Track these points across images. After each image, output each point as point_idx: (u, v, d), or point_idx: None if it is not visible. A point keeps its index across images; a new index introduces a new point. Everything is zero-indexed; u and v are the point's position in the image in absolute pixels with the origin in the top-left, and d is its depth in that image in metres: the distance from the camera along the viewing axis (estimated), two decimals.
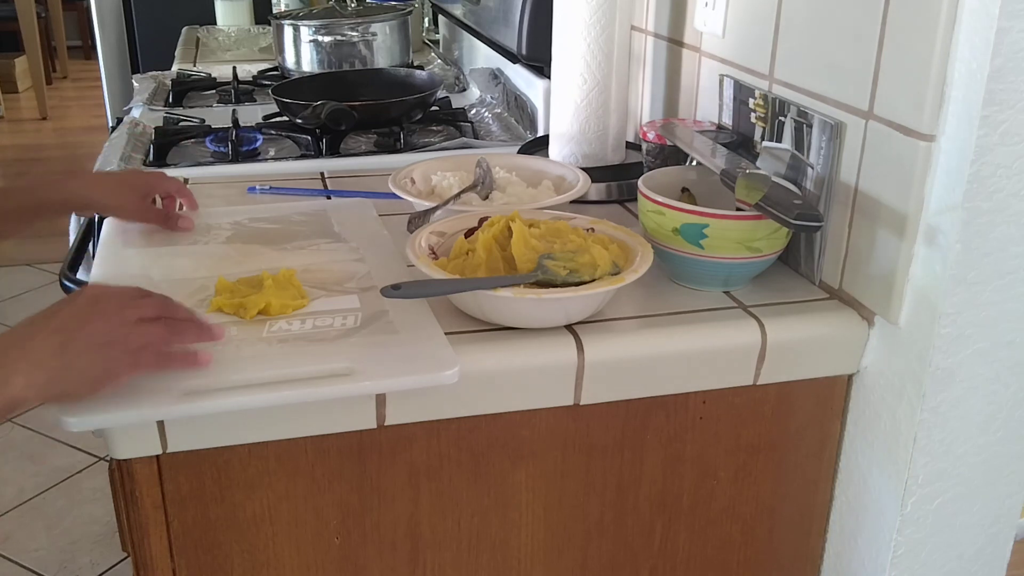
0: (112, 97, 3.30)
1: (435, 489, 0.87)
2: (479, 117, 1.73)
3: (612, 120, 1.22)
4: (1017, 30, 0.74)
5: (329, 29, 1.98)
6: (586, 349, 0.85)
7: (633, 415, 0.90)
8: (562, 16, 1.18)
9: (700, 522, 0.97)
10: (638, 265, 0.86)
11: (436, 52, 2.37)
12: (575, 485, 0.91)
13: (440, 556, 0.90)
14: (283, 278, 0.89)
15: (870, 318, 0.91)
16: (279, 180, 1.30)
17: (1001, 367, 0.88)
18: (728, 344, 0.89)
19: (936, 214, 0.82)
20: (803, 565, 1.04)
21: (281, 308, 0.85)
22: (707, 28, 1.14)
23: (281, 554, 0.86)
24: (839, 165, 0.91)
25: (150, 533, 0.82)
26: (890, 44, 0.84)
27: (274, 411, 0.79)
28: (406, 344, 0.81)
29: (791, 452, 0.97)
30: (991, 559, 0.98)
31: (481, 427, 0.86)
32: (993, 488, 0.94)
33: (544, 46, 1.28)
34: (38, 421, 2.52)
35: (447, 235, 0.94)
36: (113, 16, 3.21)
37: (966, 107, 0.78)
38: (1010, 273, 0.84)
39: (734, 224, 0.90)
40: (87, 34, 6.50)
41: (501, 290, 0.81)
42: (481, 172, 1.11)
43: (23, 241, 3.77)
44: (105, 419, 0.74)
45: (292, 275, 0.90)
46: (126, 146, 1.46)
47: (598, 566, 0.96)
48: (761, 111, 1.02)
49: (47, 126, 5.39)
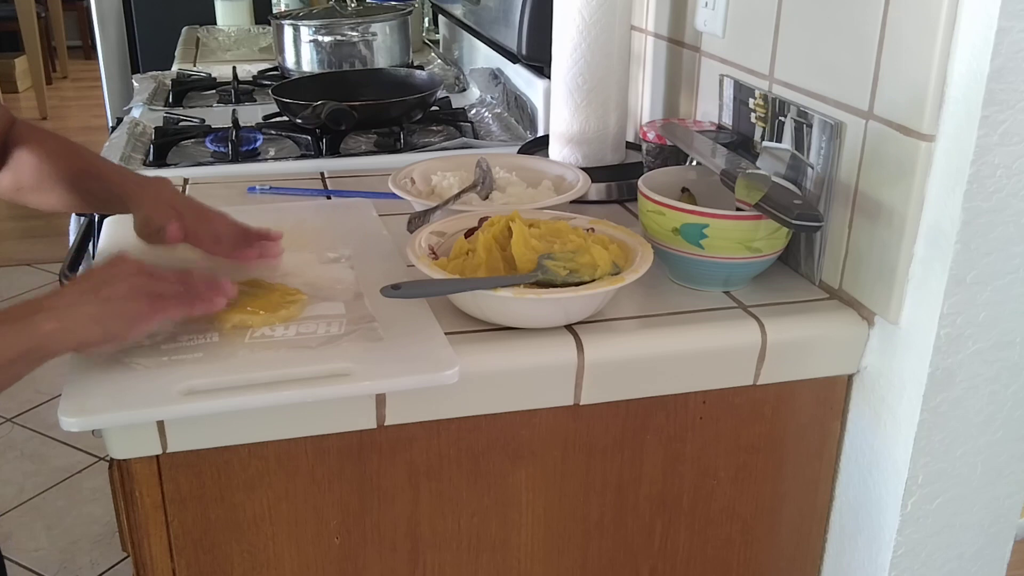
0: (112, 97, 3.30)
1: (435, 489, 0.87)
2: (479, 117, 1.73)
3: (612, 120, 1.22)
4: (1017, 30, 0.74)
5: (329, 29, 1.98)
6: (586, 349, 0.85)
7: (633, 415, 0.90)
8: (562, 16, 1.18)
9: (700, 522, 0.97)
10: (638, 265, 0.86)
11: (436, 52, 2.37)
12: (575, 485, 0.91)
13: (440, 556, 0.90)
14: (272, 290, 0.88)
15: (870, 318, 0.91)
16: (279, 180, 1.30)
17: (1001, 367, 0.88)
18: (728, 344, 0.89)
19: (936, 214, 0.82)
20: (803, 565, 1.04)
21: (265, 321, 0.84)
22: (707, 28, 1.14)
23: (281, 554, 0.86)
24: (839, 165, 0.91)
25: (150, 533, 0.82)
26: (890, 44, 0.84)
27: (274, 411, 0.79)
28: (406, 344, 0.81)
29: (791, 452, 0.97)
30: (991, 559, 0.98)
31: (481, 427, 0.86)
32: (993, 488, 0.94)
33: (544, 46, 1.28)
34: (38, 421, 2.52)
35: (447, 235, 0.94)
36: (113, 16, 3.21)
37: (966, 107, 0.78)
38: (1010, 273, 0.84)
39: (734, 224, 0.90)
40: (87, 34, 6.50)
41: (501, 290, 0.81)
42: (481, 172, 1.11)
43: (23, 241, 3.77)
44: (105, 419, 0.74)
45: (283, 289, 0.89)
46: (126, 146, 1.46)
47: (598, 566, 0.96)
48: (761, 111, 1.02)
49: (47, 126, 5.30)
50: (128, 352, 0.78)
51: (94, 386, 0.75)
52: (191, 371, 0.76)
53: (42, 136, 0.97)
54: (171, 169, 1.38)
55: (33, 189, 0.96)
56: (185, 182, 1.29)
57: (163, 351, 0.79)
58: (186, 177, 1.31)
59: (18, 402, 2.58)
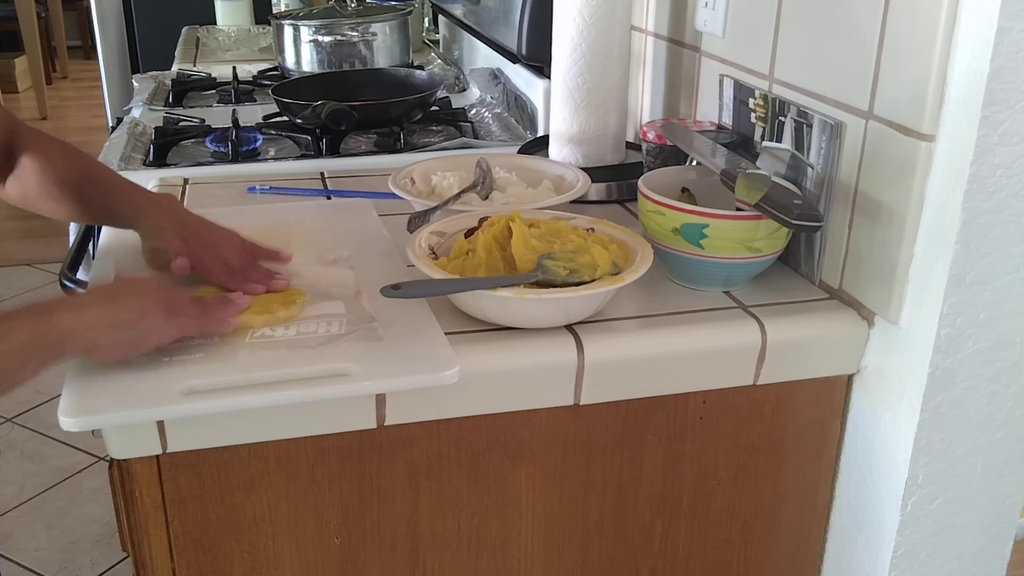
0: (112, 97, 3.30)
1: (435, 489, 0.87)
2: (479, 117, 1.73)
3: (612, 120, 1.22)
4: (1017, 30, 0.74)
5: (329, 29, 1.98)
6: (586, 349, 0.85)
7: (633, 415, 0.90)
8: (562, 16, 1.18)
9: (700, 522, 0.97)
10: (638, 265, 0.86)
11: (436, 52, 2.37)
12: (575, 485, 0.91)
13: (440, 556, 0.90)
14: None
15: (870, 318, 0.91)
16: (279, 180, 1.30)
17: (1001, 367, 0.88)
18: (728, 344, 0.89)
19: (936, 214, 0.82)
20: (803, 565, 1.04)
21: (265, 321, 0.84)
22: (707, 28, 1.14)
23: (281, 554, 0.86)
24: (839, 165, 0.91)
25: (150, 533, 0.82)
26: (890, 44, 0.84)
27: (274, 411, 0.79)
28: (406, 344, 0.81)
29: (791, 452, 0.97)
30: (991, 559, 0.98)
31: (481, 427, 0.86)
32: (993, 488, 0.94)
33: (544, 46, 1.28)
34: (38, 421, 2.52)
35: (447, 235, 0.94)
36: (113, 16, 3.21)
37: (966, 107, 0.78)
38: (1010, 273, 0.84)
39: (734, 224, 0.90)
40: (87, 34, 6.50)
41: (501, 290, 0.81)
42: (481, 172, 1.11)
43: (23, 241, 3.77)
44: (105, 419, 0.74)
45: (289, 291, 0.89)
46: (126, 146, 1.46)
47: (598, 566, 0.96)
48: (761, 111, 1.02)
49: (47, 126, 5.38)
50: None
51: (94, 386, 0.75)
52: (191, 371, 0.76)
53: (48, 144, 0.96)
54: (171, 169, 1.38)
55: (39, 197, 0.95)
56: (185, 182, 1.29)
57: (163, 351, 0.79)
58: (186, 177, 1.31)
59: (18, 402, 2.58)
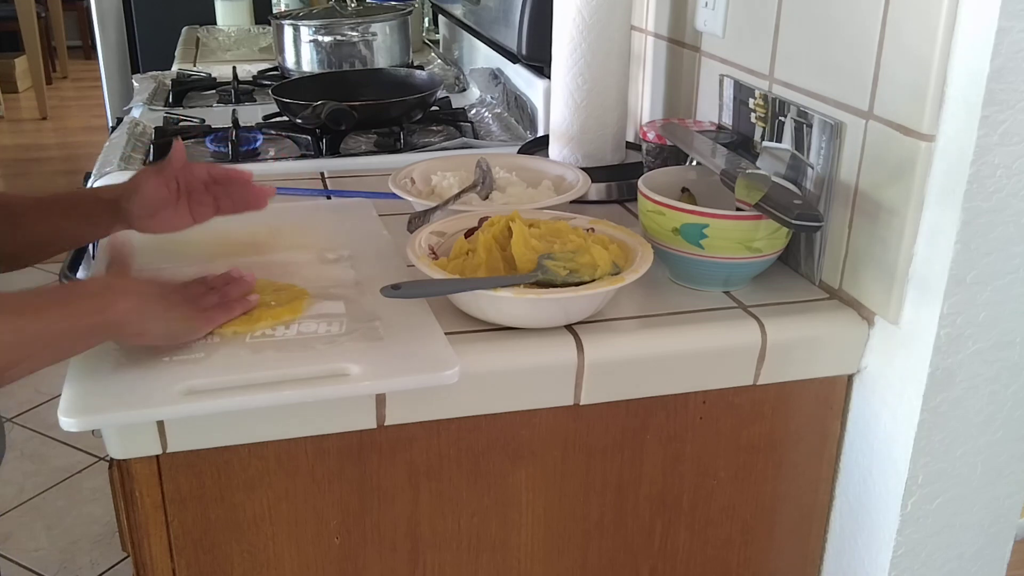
0: (112, 97, 3.30)
1: (435, 489, 0.87)
2: (479, 117, 1.73)
3: (612, 120, 1.22)
4: (1017, 30, 0.74)
5: (329, 29, 1.98)
6: (586, 349, 0.85)
7: (633, 415, 0.90)
8: (562, 16, 1.18)
9: (700, 522, 0.97)
10: (638, 265, 0.86)
11: (436, 52, 2.37)
12: (575, 485, 0.91)
13: (440, 556, 0.90)
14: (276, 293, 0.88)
15: (870, 318, 0.91)
16: (279, 180, 1.30)
17: (1001, 367, 0.88)
18: (728, 344, 0.89)
19: (936, 214, 0.82)
20: (803, 565, 1.04)
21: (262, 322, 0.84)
22: (707, 28, 1.14)
23: (281, 554, 0.86)
24: (839, 165, 0.91)
25: (150, 533, 0.82)
26: (890, 44, 0.84)
27: (274, 411, 0.79)
28: (406, 344, 0.81)
29: (791, 452, 0.97)
30: (991, 559, 0.98)
31: (481, 427, 0.86)
32: (993, 488, 0.94)
33: (544, 46, 1.28)
34: (38, 421, 2.52)
35: (447, 235, 0.94)
36: (113, 16, 3.21)
37: (966, 107, 0.78)
38: (1010, 273, 0.84)
39: (734, 224, 0.90)
40: (87, 34, 6.50)
41: (501, 290, 0.81)
42: (481, 172, 1.11)
43: None
44: (105, 419, 0.74)
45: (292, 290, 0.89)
46: (126, 146, 1.46)
47: (598, 566, 0.96)
48: (761, 111, 1.02)
49: (47, 126, 5.39)
50: (128, 352, 0.78)
51: (94, 386, 0.75)
52: (191, 371, 0.76)
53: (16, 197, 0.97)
54: None
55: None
56: None
57: (163, 351, 0.79)
58: None
59: (18, 402, 2.58)
